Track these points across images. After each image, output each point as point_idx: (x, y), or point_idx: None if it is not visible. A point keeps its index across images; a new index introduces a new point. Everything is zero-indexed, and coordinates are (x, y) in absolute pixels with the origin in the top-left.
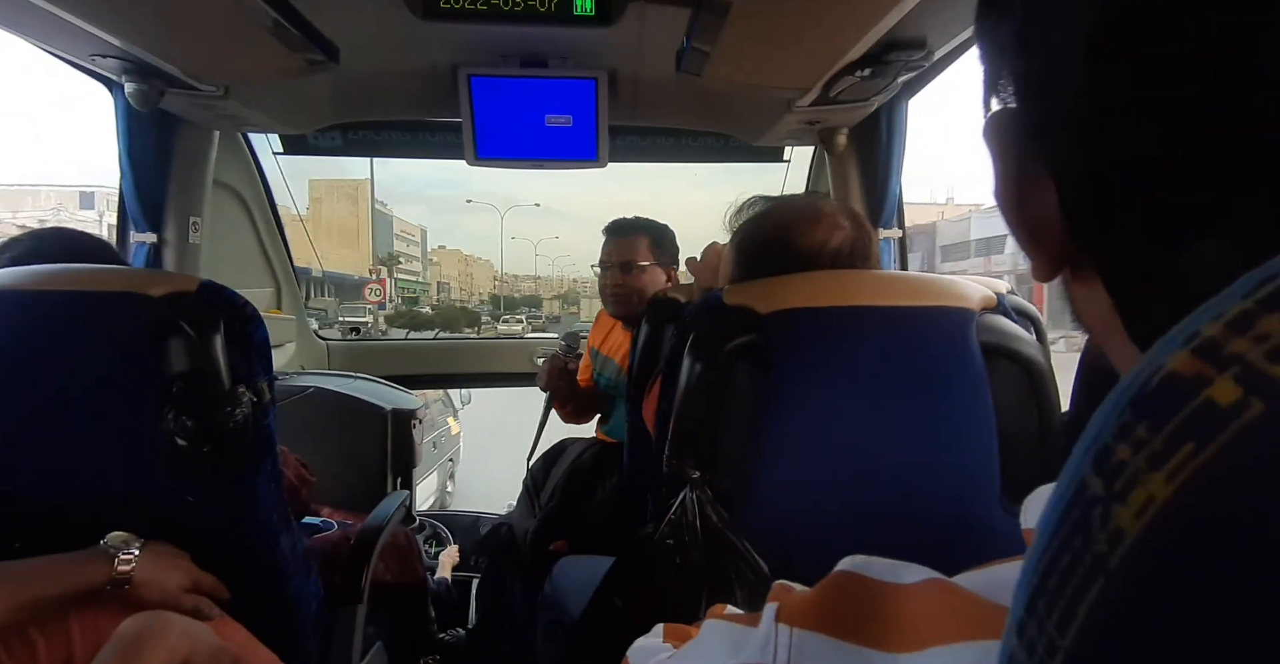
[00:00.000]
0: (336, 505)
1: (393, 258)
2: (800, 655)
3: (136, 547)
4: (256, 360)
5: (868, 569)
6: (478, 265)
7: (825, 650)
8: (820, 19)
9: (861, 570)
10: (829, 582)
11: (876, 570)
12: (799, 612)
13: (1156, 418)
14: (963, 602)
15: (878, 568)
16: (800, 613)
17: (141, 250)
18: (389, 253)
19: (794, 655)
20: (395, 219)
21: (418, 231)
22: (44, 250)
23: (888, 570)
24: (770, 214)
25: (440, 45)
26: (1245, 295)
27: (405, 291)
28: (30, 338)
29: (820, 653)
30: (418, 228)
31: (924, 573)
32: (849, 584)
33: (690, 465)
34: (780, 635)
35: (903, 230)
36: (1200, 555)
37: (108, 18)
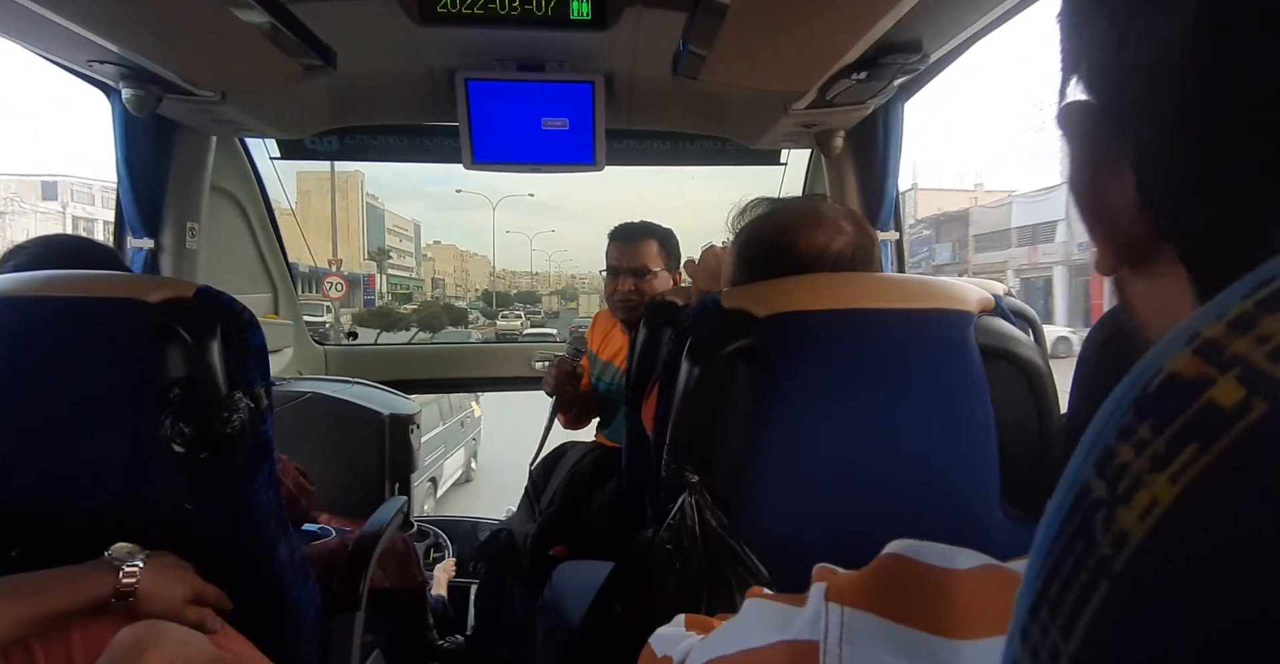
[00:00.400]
0: (334, 512)
1: (383, 252)
2: (852, 634)
3: (141, 558)
4: (254, 366)
5: (919, 553)
6: (474, 261)
7: (878, 630)
8: (816, 22)
9: (913, 554)
10: (879, 563)
11: (929, 554)
12: (849, 591)
13: (1159, 419)
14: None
15: (930, 552)
16: (851, 592)
17: (139, 256)
18: (379, 247)
19: (846, 634)
20: (388, 213)
21: (411, 226)
22: (48, 257)
23: (941, 555)
24: (772, 217)
25: (437, 49)
26: (1245, 296)
27: (398, 288)
28: (28, 344)
29: (873, 632)
30: (411, 222)
31: (979, 558)
32: (901, 567)
33: (689, 470)
34: (831, 614)
35: (900, 233)
36: (1207, 557)
37: (105, 24)
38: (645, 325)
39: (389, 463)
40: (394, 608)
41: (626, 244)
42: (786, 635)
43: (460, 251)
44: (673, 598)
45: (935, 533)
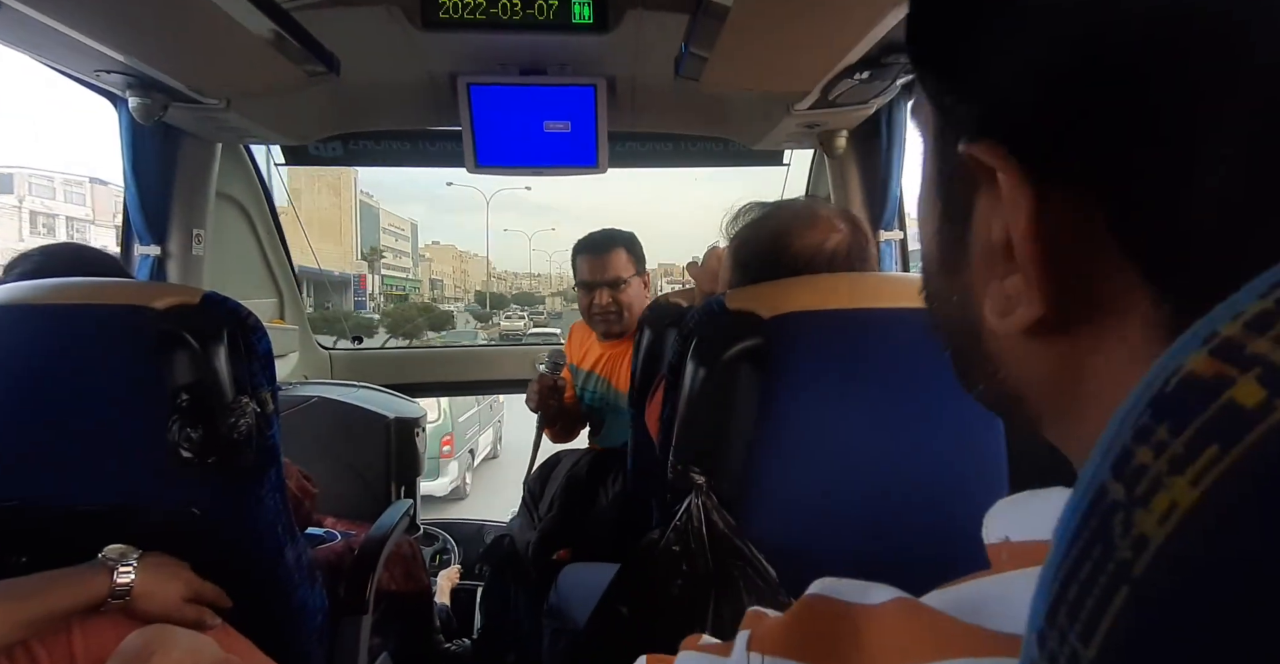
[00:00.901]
0: (340, 515)
1: (375, 252)
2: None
3: (134, 558)
4: (259, 371)
5: (836, 591)
6: (473, 262)
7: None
8: (818, 22)
9: (830, 593)
10: (799, 606)
11: (844, 592)
12: (770, 639)
13: (1177, 420)
14: (931, 621)
15: (845, 590)
16: (771, 640)
17: (145, 263)
18: (372, 247)
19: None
20: (383, 211)
21: (407, 225)
22: (53, 265)
23: (855, 591)
24: (766, 219)
25: (439, 55)
26: (1263, 294)
27: (393, 289)
28: (36, 351)
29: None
30: (407, 222)
31: (891, 593)
32: (818, 608)
33: (695, 471)
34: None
35: (904, 232)
36: (1229, 561)
37: (112, 34)
38: (649, 327)
39: (394, 466)
40: (401, 611)
41: (597, 256)
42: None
43: (459, 252)
44: (679, 600)
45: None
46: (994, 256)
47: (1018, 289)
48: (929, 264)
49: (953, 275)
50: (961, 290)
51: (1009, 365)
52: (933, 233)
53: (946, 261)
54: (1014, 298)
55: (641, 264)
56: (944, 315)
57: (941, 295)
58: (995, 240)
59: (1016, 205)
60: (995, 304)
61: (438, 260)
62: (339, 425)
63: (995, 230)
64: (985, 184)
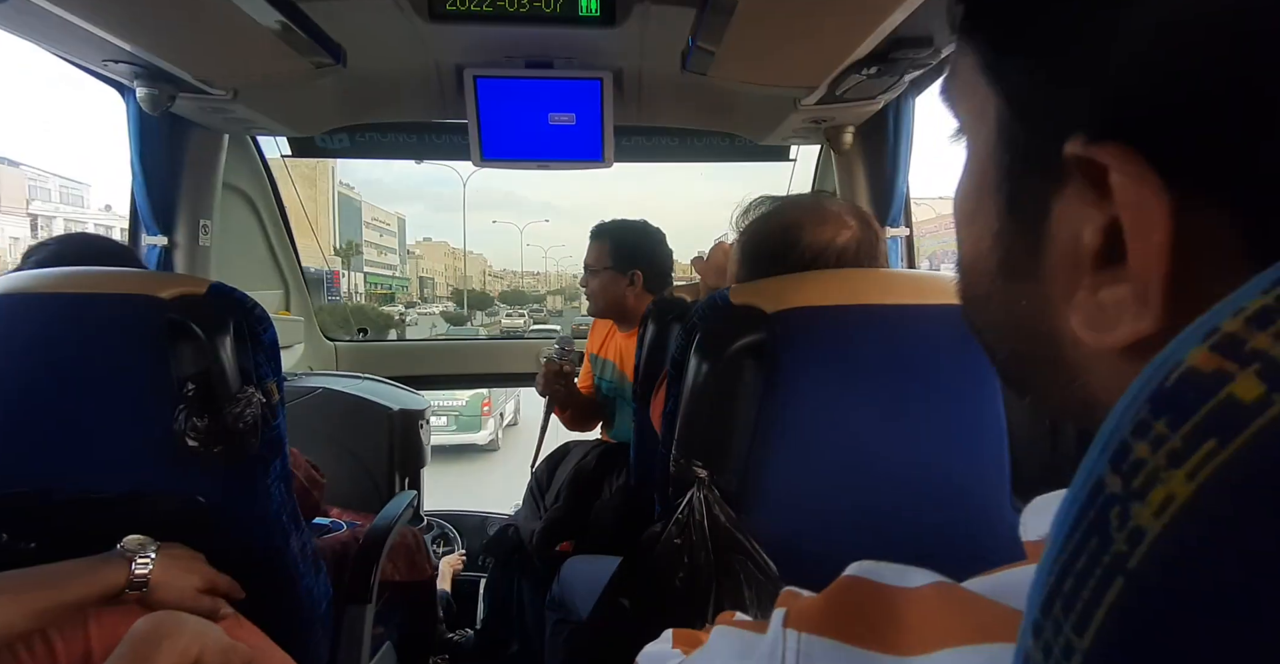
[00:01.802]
0: (345, 506)
1: (351, 247)
2: (808, 660)
3: (153, 550)
4: (265, 361)
5: (875, 574)
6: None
7: (833, 655)
8: (826, 17)
9: (868, 575)
10: (836, 586)
11: (883, 575)
12: (806, 616)
13: (1176, 414)
14: (971, 604)
15: (885, 572)
16: (808, 618)
17: (153, 253)
18: (348, 241)
19: (802, 660)
20: (366, 204)
21: (393, 220)
22: (67, 254)
23: (894, 574)
24: (776, 214)
25: (445, 47)
26: (1265, 291)
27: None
28: (45, 339)
29: (828, 657)
30: (394, 216)
31: (931, 576)
32: (856, 588)
33: (697, 465)
34: (788, 641)
35: (910, 229)
36: (1224, 554)
37: (120, 24)
38: (653, 322)
39: (399, 457)
40: (404, 601)
41: (590, 242)
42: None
43: (451, 249)
44: (681, 592)
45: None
46: (1082, 264)
47: (1121, 302)
48: (979, 264)
49: (1019, 280)
50: (1033, 296)
51: (1093, 376)
52: (991, 232)
53: (1010, 265)
54: (1115, 311)
55: (625, 263)
56: (1002, 320)
57: (998, 299)
58: (1087, 247)
59: (1148, 217)
60: (1088, 316)
61: (429, 258)
62: (344, 416)
63: (1088, 236)
64: (1070, 183)
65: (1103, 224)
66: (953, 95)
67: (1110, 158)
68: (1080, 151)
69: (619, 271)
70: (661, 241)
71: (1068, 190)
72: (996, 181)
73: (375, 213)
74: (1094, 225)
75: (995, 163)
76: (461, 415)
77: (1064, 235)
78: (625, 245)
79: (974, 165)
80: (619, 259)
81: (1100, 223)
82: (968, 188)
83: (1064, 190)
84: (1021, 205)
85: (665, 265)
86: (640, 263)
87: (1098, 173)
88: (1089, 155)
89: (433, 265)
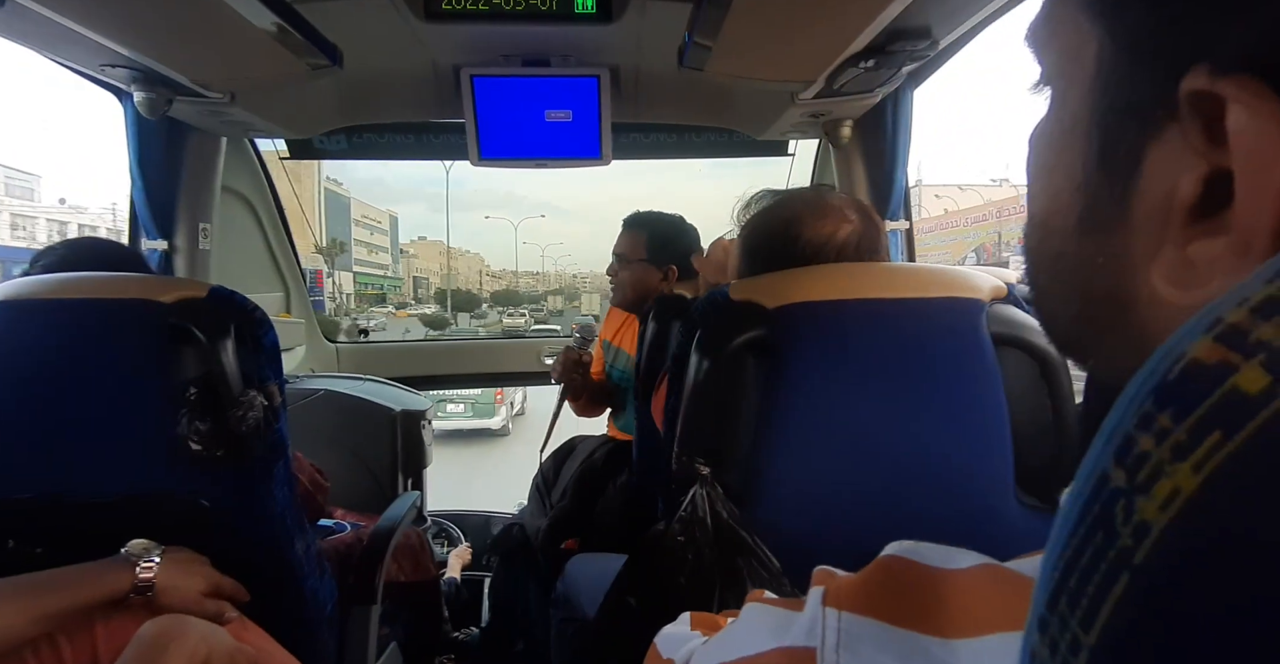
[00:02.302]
0: (348, 507)
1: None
2: (849, 639)
3: (157, 554)
4: (267, 364)
5: (917, 554)
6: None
7: (876, 634)
8: (823, 10)
9: (911, 555)
10: (877, 566)
11: (927, 555)
12: (847, 596)
13: (1180, 407)
14: (1020, 586)
15: (928, 553)
16: (849, 597)
17: (153, 257)
18: (332, 238)
19: (843, 639)
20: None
21: (385, 218)
22: (74, 259)
23: (939, 555)
24: (777, 208)
25: (442, 46)
26: (1269, 281)
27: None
28: (47, 345)
29: (871, 637)
30: (385, 214)
31: (976, 558)
32: (899, 569)
33: (700, 462)
34: (828, 619)
35: (910, 222)
36: (1231, 548)
37: (117, 29)
38: (654, 319)
39: (402, 458)
40: (409, 601)
41: (624, 231)
42: (784, 641)
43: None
44: (686, 590)
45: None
46: (1173, 218)
47: (1214, 257)
48: (1055, 219)
49: (1101, 235)
50: (1112, 253)
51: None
52: (1071, 187)
53: (1093, 220)
54: (1206, 266)
55: (664, 256)
56: (1073, 279)
57: (1072, 257)
58: (1182, 198)
59: (1268, 162)
60: (1173, 271)
61: (424, 257)
62: (346, 418)
63: (1185, 187)
64: (1172, 129)
65: (1204, 173)
66: (1041, 38)
67: (1238, 90)
68: (1204, 85)
69: (655, 265)
70: (698, 239)
71: (1168, 137)
72: (1087, 127)
73: (366, 210)
74: (1194, 174)
75: (1089, 106)
76: (477, 403)
77: (1156, 186)
78: (663, 239)
79: (1060, 112)
80: (656, 252)
81: (1201, 172)
82: (1049, 137)
83: (1164, 137)
84: (1113, 153)
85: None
86: (677, 258)
87: (1213, 112)
88: (1212, 88)
89: (428, 264)
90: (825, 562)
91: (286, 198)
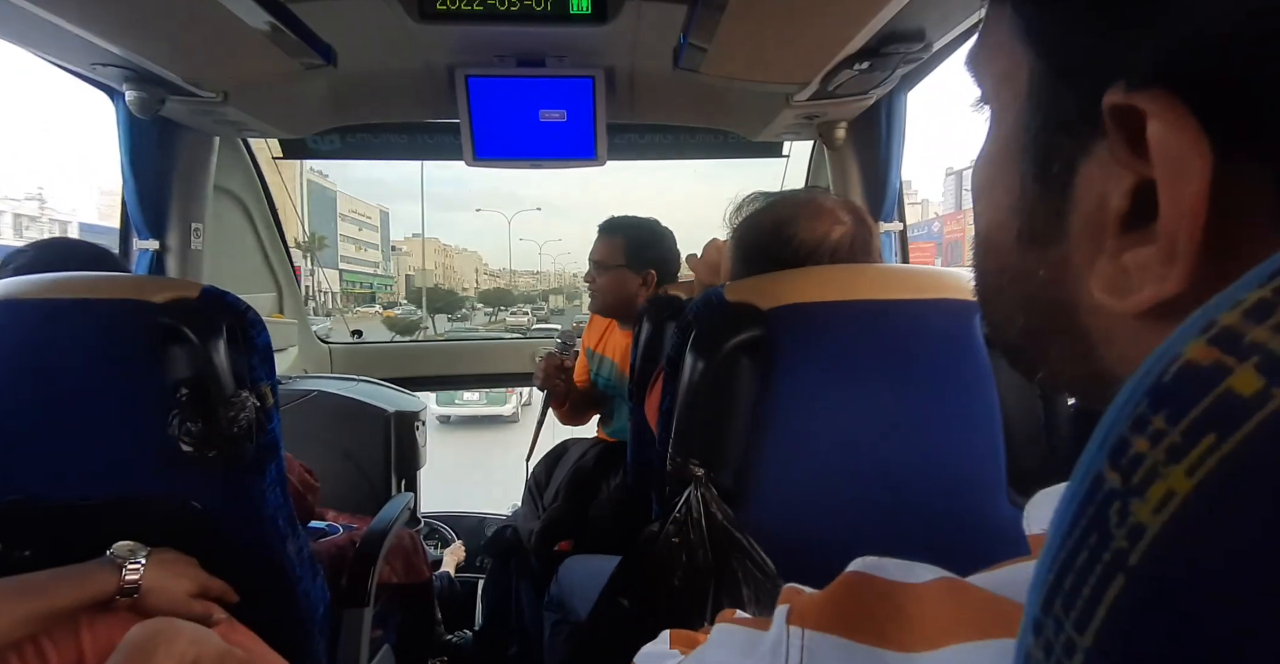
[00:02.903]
0: (341, 508)
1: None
2: (813, 657)
3: (143, 555)
4: (259, 364)
5: (879, 569)
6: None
7: (838, 652)
8: (818, 12)
9: (873, 571)
10: (840, 583)
11: (888, 570)
12: (811, 613)
13: (1175, 409)
14: (977, 600)
15: (889, 568)
16: (812, 614)
17: (144, 257)
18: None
19: (806, 657)
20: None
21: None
22: (48, 260)
23: (899, 570)
24: (770, 209)
25: (436, 46)
26: (1262, 283)
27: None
28: (35, 346)
29: (833, 654)
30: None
31: (935, 572)
32: (860, 585)
33: (694, 463)
34: (792, 637)
35: (904, 223)
36: (1226, 550)
37: (108, 27)
38: (648, 320)
39: (395, 459)
40: (402, 603)
41: (599, 237)
42: (750, 661)
43: (442, 245)
44: (680, 591)
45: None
46: (1105, 228)
47: (1145, 264)
48: (997, 234)
49: (1040, 248)
50: (1052, 265)
51: (1110, 346)
52: (1011, 203)
53: (1032, 233)
54: (1138, 273)
55: (641, 261)
56: (1017, 292)
57: (1015, 269)
58: (1113, 210)
59: (1183, 168)
60: (1108, 280)
61: (417, 255)
62: (339, 419)
63: (1114, 199)
64: (1101, 143)
65: (1131, 185)
66: (980, 62)
67: (1150, 103)
68: (1120, 100)
69: (633, 271)
70: (674, 243)
71: (1096, 152)
72: (1023, 145)
73: (354, 205)
74: (1122, 187)
75: (1023, 126)
76: (491, 392)
77: (1089, 199)
78: (640, 243)
79: (998, 132)
80: (633, 258)
81: (1129, 184)
82: (989, 157)
83: (1092, 152)
84: (1048, 169)
85: (675, 267)
86: (654, 263)
87: (1134, 125)
88: (1130, 102)
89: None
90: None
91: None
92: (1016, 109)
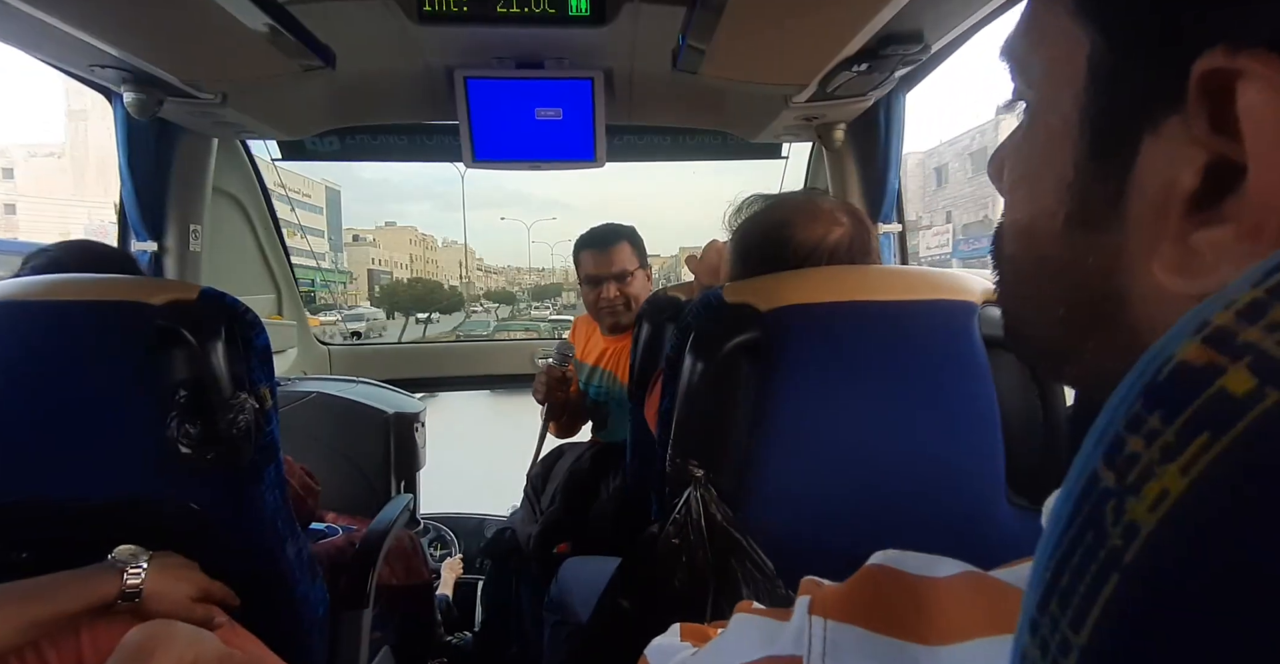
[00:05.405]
0: (341, 510)
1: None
2: (835, 648)
3: (144, 560)
4: (258, 366)
5: (901, 563)
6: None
7: (861, 643)
8: (816, 14)
9: (895, 564)
10: (862, 575)
11: (910, 564)
12: (833, 604)
13: (1169, 408)
14: (1000, 594)
15: (911, 561)
16: (834, 606)
17: (143, 259)
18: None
19: (829, 648)
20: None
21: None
22: (65, 261)
23: (922, 564)
24: (768, 211)
25: (435, 48)
26: (1256, 284)
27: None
28: (36, 347)
29: (856, 645)
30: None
31: (958, 566)
32: (883, 578)
33: (694, 464)
34: (814, 627)
35: (902, 224)
36: (1219, 549)
37: (106, 29)
38: (648, 321)
39: (394, 461)
40: (402, 605)
41: (603, 251)
42: (771, 651)
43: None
44: (680, 592)
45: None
46: (1170, 208)
47: (1220, 243)
48: (1042, 224)
49: (1093, 234)
50: (1104, 251)
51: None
52: (1062, 186)
53: (1084, 219)
54: (1212, 253)
55: (644, 257)
56: (1061, 281)
57: (1062, 258)
58: (1181, 189)
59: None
60: (1178, 262)
61: (389, 247)
62: (338, 421)
63: (1185, 178)
64: (1165, 124)
65: (1204, 163)
66: (1023, 49)
67: (1257, 64)
68: (1220, 63)
69: (645, 268)
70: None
71: (1165, 130)
72: (1079, 128)
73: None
74: (1195, 164)
75: (1080, 108)
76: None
77: (1154, 179)
78: (639, 243)
79: (1046, 118)
80: (641, 257)
81: (1202, 162)
82: (1032, 145)
83: (1161, 130)
84: (1108, 150)
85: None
86: (646, 262)
87: (1221, 97)
88: (1232, 65)
89: (393, 255)
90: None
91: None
92: (1073, 90)
